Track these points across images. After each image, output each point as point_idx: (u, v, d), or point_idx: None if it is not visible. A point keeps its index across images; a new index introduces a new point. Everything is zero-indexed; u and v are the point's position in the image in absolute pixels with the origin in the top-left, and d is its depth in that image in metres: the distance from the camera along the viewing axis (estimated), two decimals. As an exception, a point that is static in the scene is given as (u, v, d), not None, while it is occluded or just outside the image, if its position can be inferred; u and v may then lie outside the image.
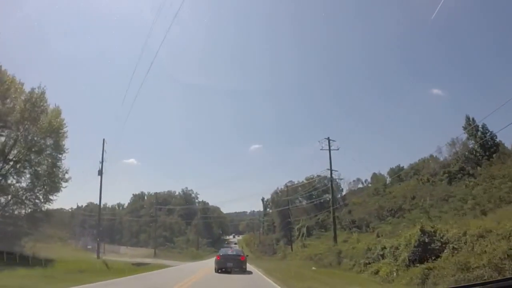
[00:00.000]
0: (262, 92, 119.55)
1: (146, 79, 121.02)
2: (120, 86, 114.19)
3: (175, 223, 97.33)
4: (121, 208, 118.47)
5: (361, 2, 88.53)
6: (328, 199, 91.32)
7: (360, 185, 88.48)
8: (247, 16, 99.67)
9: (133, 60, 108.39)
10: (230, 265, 24.01)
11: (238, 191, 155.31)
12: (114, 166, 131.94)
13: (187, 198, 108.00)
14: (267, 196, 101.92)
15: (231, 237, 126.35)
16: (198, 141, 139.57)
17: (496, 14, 71.61)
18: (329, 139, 37.07)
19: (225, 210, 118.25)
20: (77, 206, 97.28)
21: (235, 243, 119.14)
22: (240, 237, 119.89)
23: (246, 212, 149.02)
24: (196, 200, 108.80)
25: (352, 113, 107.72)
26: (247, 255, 29.66)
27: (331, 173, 36.15)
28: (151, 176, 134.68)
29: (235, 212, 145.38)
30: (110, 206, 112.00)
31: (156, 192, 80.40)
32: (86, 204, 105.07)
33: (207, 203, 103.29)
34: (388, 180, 76.01)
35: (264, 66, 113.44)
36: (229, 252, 28.48)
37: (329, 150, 36.87)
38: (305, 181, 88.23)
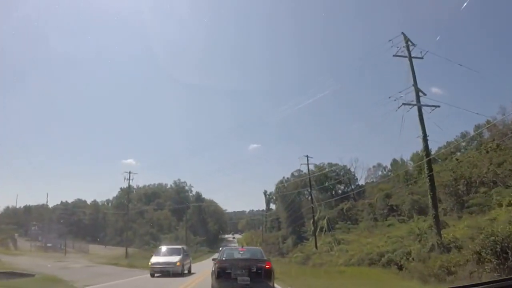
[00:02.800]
0: (261, 91, 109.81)
1: (146, 78, 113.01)
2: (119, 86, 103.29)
3: (164, 219, 78.63)
4: (110, 204, 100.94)
5: (361, 1, 79.66)
6: (342, 189, 74.50)
7: (380, 172, 71.26)
8: (247, 16, 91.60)
9: (132, 60, 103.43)
10: (245, 282, 10.03)
11: (237, 190, 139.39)
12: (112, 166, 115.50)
13: (179, 191, 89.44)
14: (270, 189, 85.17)
15: (230, 235, 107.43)
16: (197, 141, 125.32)
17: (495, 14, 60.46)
18: (407, 40, 19.06)
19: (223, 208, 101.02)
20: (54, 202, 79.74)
21: (234, 237, 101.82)
22: (240, 235, 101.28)
23: (245, 211, 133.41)
24: (190, 194, 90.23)
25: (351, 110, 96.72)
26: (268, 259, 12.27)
27: (417, 94, 18.08)
28: (150, 176, 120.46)
29: (234, 212, 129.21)
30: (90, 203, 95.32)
31: (129, 171, 58.43)
32: (73, 201, 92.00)
33: (201, 194, 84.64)
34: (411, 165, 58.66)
35: (264, 66, 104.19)
36: (238, 254, 13.06)
37: (409, 56, 18.88)
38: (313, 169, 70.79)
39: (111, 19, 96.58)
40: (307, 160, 40.63)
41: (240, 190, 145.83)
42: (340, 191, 70.53)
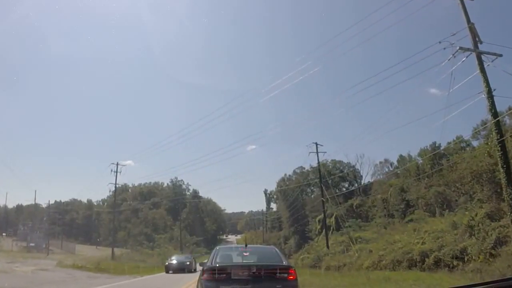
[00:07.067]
0: (261, 91, 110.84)
1: (144, 78, 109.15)
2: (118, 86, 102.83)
3: (159, 218, 73.28)
4: (105, 204, 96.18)
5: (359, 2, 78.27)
6: (346, 187, 69.36)
7: (387, 169, 66.29)
8: (245, 16, 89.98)
9: (131, 60, 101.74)
10: None
11: (236, 191, 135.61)
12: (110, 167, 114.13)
13: (176, 189, 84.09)
14: (270, 189, 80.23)
15: (231, 236, 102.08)
16: (196, 141, 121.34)
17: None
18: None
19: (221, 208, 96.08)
20: (47, 203, 75.28)
21: (236, 236, 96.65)
22: (239, 236, 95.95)
23: (244, 212, 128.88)
24: (187, 192, 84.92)
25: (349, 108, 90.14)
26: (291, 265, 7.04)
27: (474, 39, 13.08)
28: (148, 177, 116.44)
29: (233, 212, 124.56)
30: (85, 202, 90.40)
31: (116, 162, 51.82)
32: (67, 200, 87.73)
33: (198, 192, 79.28)
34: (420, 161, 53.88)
35: (263, 66, 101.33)
36: (240, 256, 7.61)
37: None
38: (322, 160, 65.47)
39: (109, 19, 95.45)
40: (316, 148, 35.45)
41: (239, 191, 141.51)
42: (344, 189, 65.76)
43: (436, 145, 55.97)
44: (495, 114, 13.52)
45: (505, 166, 13.18)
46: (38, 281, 12.42)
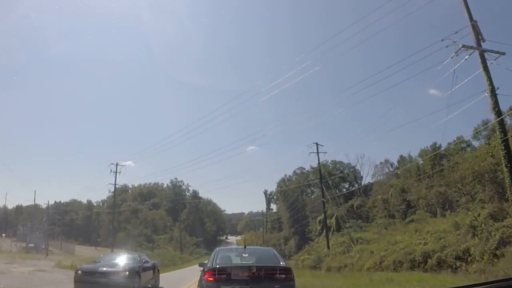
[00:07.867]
0: (260, 91, 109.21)
1: (145, 78, 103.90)
2: (117, 86, 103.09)
3: (159, 219, 73.09)
4: (105, 205, 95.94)
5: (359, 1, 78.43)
6: (346, 188, 69.21)
7: (387, 169, 66.10)
8: (245, 16, 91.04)
9: (131, 60, 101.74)
10: None
11: (236, 191, 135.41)
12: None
13: (176, 190, 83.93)
14: (270, 190, 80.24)
15: (232, 237, 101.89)
16: (196, 141, 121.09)
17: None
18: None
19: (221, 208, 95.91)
20: (48, 203, 74.75)
21: (237, 237, 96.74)
22: (239, 237, 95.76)
23: (244, 213, 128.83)
24: (187, 193, 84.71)
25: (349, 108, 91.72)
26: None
27: (476, 36, 12.97)
28: (148, 177, 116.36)
29: (233, 213, 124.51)
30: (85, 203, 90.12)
31: (116, 163, 50.97)
32: (67, 201, 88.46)
33: (198, 193, 79.03)
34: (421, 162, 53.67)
35: (263, 66, 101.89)
36: (239, 257, 7.93)
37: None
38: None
39: (109, 19, 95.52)
40: (317, 148, 35.27)
41: (239, 191, 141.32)
42: (344, 190, 65.63)
43: (437, 145, 55.69)
44: (498, 112, 13.38)
45: (509, 165, 13.01)
46: (35, 282, 12.21)
